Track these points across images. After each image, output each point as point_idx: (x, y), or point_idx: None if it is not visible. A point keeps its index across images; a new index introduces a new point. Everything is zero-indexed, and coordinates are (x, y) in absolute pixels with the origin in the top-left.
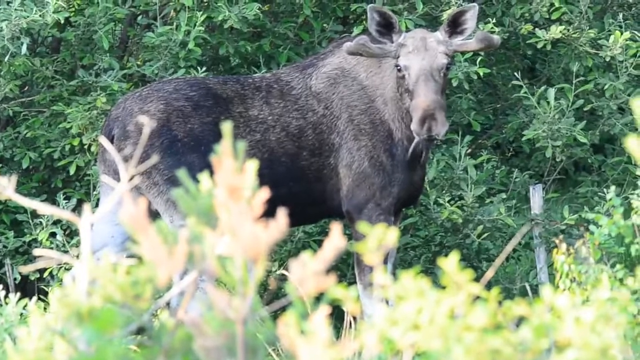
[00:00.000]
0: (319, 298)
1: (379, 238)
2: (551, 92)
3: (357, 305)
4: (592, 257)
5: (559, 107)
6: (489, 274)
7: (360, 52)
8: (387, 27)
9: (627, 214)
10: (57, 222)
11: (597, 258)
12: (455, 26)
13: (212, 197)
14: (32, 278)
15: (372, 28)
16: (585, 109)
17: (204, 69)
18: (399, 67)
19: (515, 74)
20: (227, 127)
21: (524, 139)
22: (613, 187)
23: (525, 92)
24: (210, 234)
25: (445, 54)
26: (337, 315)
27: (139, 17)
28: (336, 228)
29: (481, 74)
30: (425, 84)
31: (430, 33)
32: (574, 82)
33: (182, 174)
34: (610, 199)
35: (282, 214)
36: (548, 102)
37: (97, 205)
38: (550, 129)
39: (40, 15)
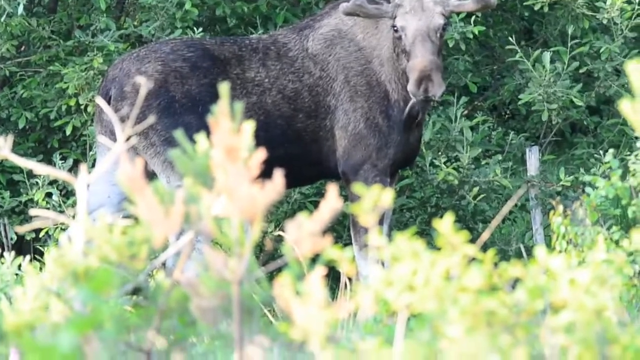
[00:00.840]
0: (315, 259)
1: (374, 199)
2: (546, 56)
3: (353, 267)
4: (589, 218)
5: (555, 70)
6: (485, 235)
7: (357, 12)
8: None
9: (623, 176)
10: (53, 182)
11: (593, 220)
12: None
13: (208, 158)
14: (28, 238)
15: None
16: (581, 71)
17: (201, 29)
18: (395, 28)
19: (510, 38)
20: (224, 88)
21: (520, 102)
22: (611, 150)
23: (520, 56)
24: (206, 194)
25: (442, 14)
26: (333, 276)
27: None
28: (332, 189)
29: (477, 32)
30: (422, 44)
31: None
32: (569, 44)
33: (179, 134)
34: (608, 161)
35: (278, 175)
36: (544, 66)
37: (93, 165)
38: (546, 92)
39: None
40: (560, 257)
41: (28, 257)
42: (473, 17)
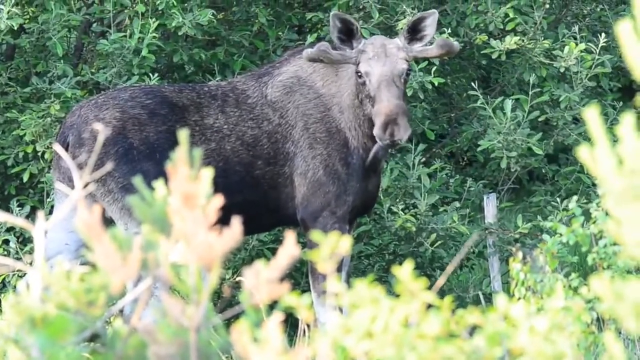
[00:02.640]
0: (272, 306)
1: (332, 246)
2: (508, 103)
3: (311, 313)
4: (549, 265)
5: (515, 117)
6: (441, 281)
7: (321, 58)
8: (347, 34)
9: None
10: (10, 229)
11: (553, 267)
12: (414, 32)
13: (166, 205)
14: None
15: (334, 35)
16: (540, 119)
17: (157, 76)
18: (359, 74)
19: (472, 83)
20: (183, 135)
21: (479, 149)
22: (574, 197)
23: (482, 103)
24: (164, 241)
25: (405, 59)
26: (291, 323)
27: (94, 25)
28: (290, 236)
29: (436, 83)
30: (387, 89)
31: (389, 39)
32: (530, 92)
33: (137, 181)
34: (566, 209)
35: (236, 221)
36: (504, 113)
37: (51, 212)
38: (505, 139)
39: None
40: (520, 304)
41: None
42: (434, 68)
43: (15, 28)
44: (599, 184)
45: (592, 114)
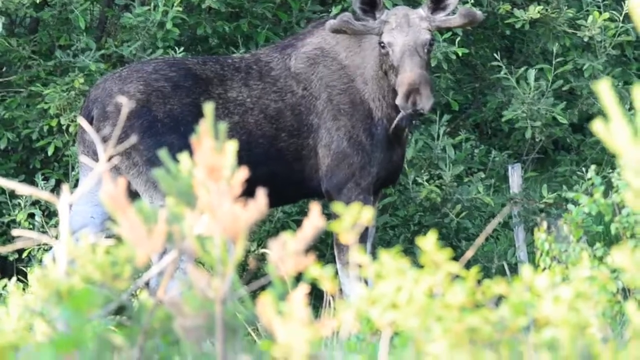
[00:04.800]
0: (298, 277)
1: (354, 217)
2: (531, 73)
3: (336, 285)
4: (573, 235)
5: (539, 87)
6: (469, 253)
7: (344, 29)
8: (370, 5)
9: (605, 193)
10: (35, 203)
11: (577, 237)
12: (437, 2)
13: (191, 177)
14: (11, 259)
15: (356, 5)
16: (564, 88)
17: (182, 49)
18: (382, 44)
19: (495, 54)
20: (208, 107)
21: (503, 119)
22: (593, 166)
23: (505, 73)
24: (189, 213)
25: (429, 29)
26: (316, 294)
27: None
28: (315, 208)
29: (460, 54)
30: (410, 59)
31: (412, 10)
32: (553, 62)
33: (162, 154)
34: (590, 178)
35: (261, 193)
36: (528, 83)
37: (76, 185)
38: (529, 109)
39: None
40: (545, 274)
41: (14, 278)
42: (458, 38)
43: (38, 1)
44: (617, 156)
45: (603, 87)
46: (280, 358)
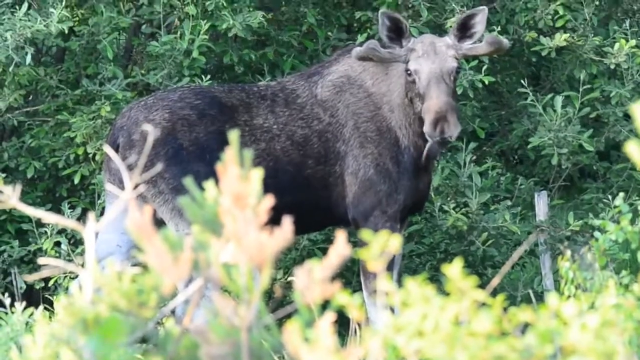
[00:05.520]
0: (324, 305)
1: (382, 245)
2: (558, 100)
3: (362, 312)
4: (598, 263)
5: (565, 114)
6: (495, 281)
7: (370, 56)
8: (396, 33)
9: (632, 220)
10: (62, 231)
11: (602, 264)
12: (464, 30)
13: (217, 205)
14: (37, 287)
15: (383, 33)
16: (590, 116)
17: (208, 77)
18: (409, 72)
19: (522, 81)
20: (234, 135)
21: (529, 146)
22: (621, 194)
23: (532, 100)
24: (215, 241)
25: (455, 57)
26: (342, 322)
27: (143, 26)
28: (341, 235)
29: (486, 82)
30: (436, 86)
31: (439, 37)
32: (580, 89)
33: (188, 182)
34: (618, 205)
35: (287, 221)
36: (554, 110)
37: (102, 214)
38: (556, 136)
39: (44, 25)
40: (571, 301)
41: (41, 306)
42: (485, 66)
43: (66, 31)
44: None
45: (637, 110)
46: None
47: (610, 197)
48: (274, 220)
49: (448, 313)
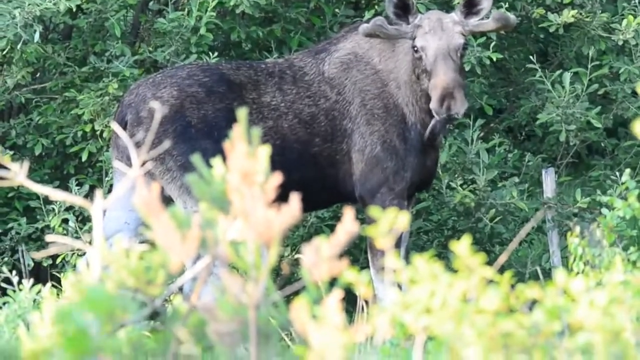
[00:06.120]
0: (331, 282)
1: (390, 222)
2: (567, 76)
3: (370, 290)
4: (606, 240)
5: (574, 91)
6: (502, 258)
7: (377, 33)
8: (403, 9)
9: None
10: (69, 209)
11: (610, 241)
12: (471, 6)
13: (225, 183)
14: (45, 264)
15: (390, 10)
16: (599, 92)
17: (216, 54)
18: (415, 48)
19: (531, 57)
20: (242, 112)
21: (537, 122)
22: (628, 170)
23: (540, 76)
24: (223, 219)
25: (462, 34)
26: (350, 299)
27: (151, 3)
28: (349, 213)
29: (494, 59)
30: (443, 63)
31: (446, 14)
32: (589, 66)
33: (196, 159)
34: (625, 182)
35: (295, 198)
36: (563, 86)
37: (109, 191)
38: (564, 112)
39: (52, 3)
40: (579, 278)
41: (48, 284)
42: (492, 43)
43: (73, 9)
44: None
45: None
46: None
47: (617, 174)
48: (282, 197)
49: (456, 290)
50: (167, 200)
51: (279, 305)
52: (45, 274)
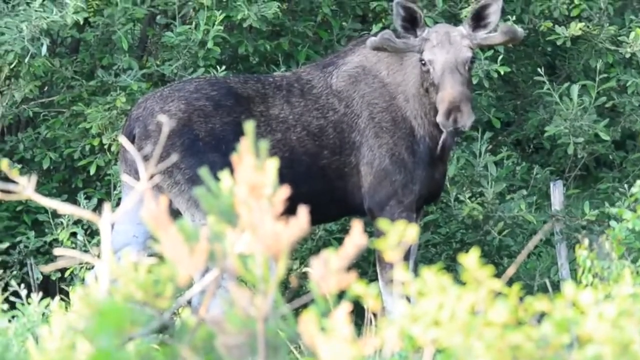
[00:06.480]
0: (340, 295)
1: (399, 235)
2: (574, 89)
3: (378, 302)
4: (615, 252)
5: (582, 103)
6: (511, 270)
7: (385, 46)
8: (411, 22)
9: None
10: (78, 222)
11: (619, 253)
12: (478, 20)
13: (233, 196)
14: (54, 278)
15: (398, 23)
16: (606, 105)
17: (223, 68)
18: (423, 62)
19: (539, 69)
20: (249, 126)
21: (545, 135)
22: (638, 182)
23: (548, 89)
24: (231, 232)
25: (470, 47)
26: (358, 312)
27: (158, 17)
28: (357, 225)
29: (502, 72)
30: (451, 76)
31: (453, 27)
32: (597, 79)
33: (204, 172)
34: (634, 194)
35: (303, 211)
36: (570, 99)
37: (118, 204)
38: (572, 125)
39: (59, 16)
40: (588, 291)
41: (57, 297)
42: (500, 56)
43: (81, 22)
44: None
45: None
46: None
47: (626, 186)
48: (290, 210)
49: (464, 303)
50: (175, 214)
51: (287, 318)
52: (54, 287)
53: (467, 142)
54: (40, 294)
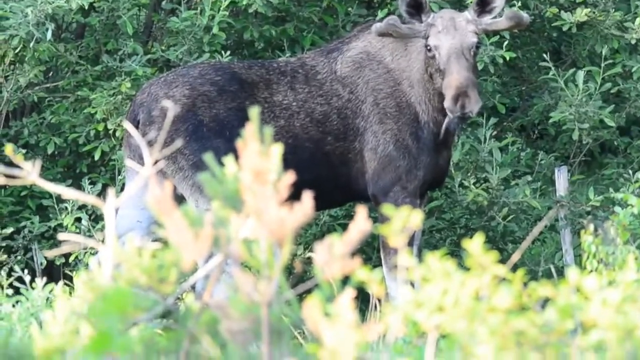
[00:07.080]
0: (344, 281)
1: (403, 220)
2: (580, 75)
3: (382, 288)
4: (620, 238)
5: (587, 89)
6: (515, 256)
7: (390, 32)
8: (416, 8)
9: None
10: (82, 207)
11: (624, 239)
12: (484, 5)
13: (237, 181)
14: (58, 263)
15: (402, 8)
16: (612, 91)
17: (228, 53)
18: (428, 47)
19: (544, 55)
20: (254, 111)
21: (550, 121)
22: None
23: (553, 74)
24: (235, 217)
25: (475, 32)
26: (362, 297)
27: (163, 2)
28: (361, 211)
29: (507, 58)
30: (457, 62)
31: (459, 13)
32: (602, 64)
33: (208, 158)
34: (639, 179)
35: (307, 197)
36: (576, 85)
37: (122, 190)
38: (577, 111)
39: (65, 1)
40: (592, 276)
41: (61, 282)
42: (505, 42)
43: (86, 7)
44: None
45: None
46: None
47: (630, 172)
48: (294, 196)
49: (468, 288)
50: (179, 199)
51: (291, 303)
52: (58, 272)
53: (472, 127)
54: (45, 279)
